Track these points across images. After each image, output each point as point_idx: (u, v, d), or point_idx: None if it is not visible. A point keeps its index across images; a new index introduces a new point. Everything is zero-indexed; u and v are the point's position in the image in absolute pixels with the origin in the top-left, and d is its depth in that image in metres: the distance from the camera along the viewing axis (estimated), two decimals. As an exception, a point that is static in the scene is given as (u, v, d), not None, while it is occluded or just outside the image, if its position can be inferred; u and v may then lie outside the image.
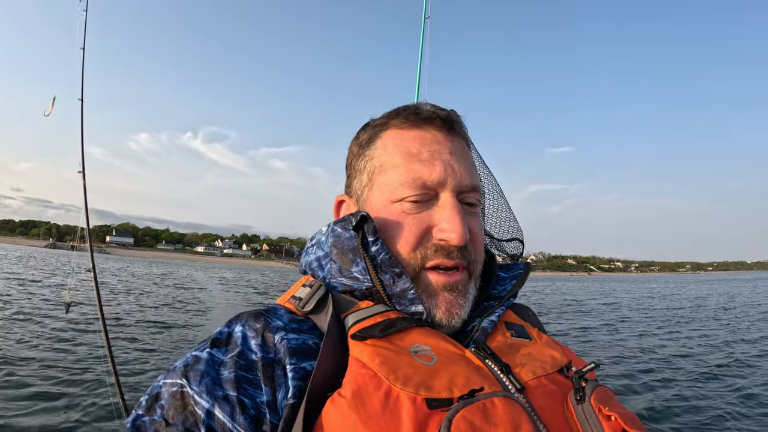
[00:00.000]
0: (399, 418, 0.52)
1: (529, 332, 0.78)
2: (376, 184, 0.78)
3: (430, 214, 0.73)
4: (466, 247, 0.73)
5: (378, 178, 0.78)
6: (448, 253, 0.72)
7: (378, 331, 0.63)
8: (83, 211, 4.68)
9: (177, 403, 0.58)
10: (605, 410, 0.59)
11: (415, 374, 0.58)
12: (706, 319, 17.73)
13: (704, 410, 6.48)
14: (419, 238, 0.72)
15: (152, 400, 0.60)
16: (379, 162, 0.79)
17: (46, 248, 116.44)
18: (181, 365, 0.63)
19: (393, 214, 0.74)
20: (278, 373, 0.61)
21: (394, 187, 0.75)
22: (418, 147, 0.76)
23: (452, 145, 0.77)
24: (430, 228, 0.73)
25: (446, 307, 0.71)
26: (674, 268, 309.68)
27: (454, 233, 0.70)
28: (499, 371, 0.64)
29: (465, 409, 0.53)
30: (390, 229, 0.74)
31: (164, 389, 0.61)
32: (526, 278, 0.86)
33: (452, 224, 0.71)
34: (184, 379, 0.60)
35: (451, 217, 0.72)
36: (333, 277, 0.75)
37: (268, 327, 0.65)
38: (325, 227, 0.80)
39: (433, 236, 0.72)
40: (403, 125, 0.79)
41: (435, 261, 0.72)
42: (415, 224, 0.73)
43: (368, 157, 0.81)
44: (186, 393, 0.59)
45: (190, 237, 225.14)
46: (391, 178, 0.76)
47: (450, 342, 0.67)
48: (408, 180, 0.74)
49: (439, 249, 0.72)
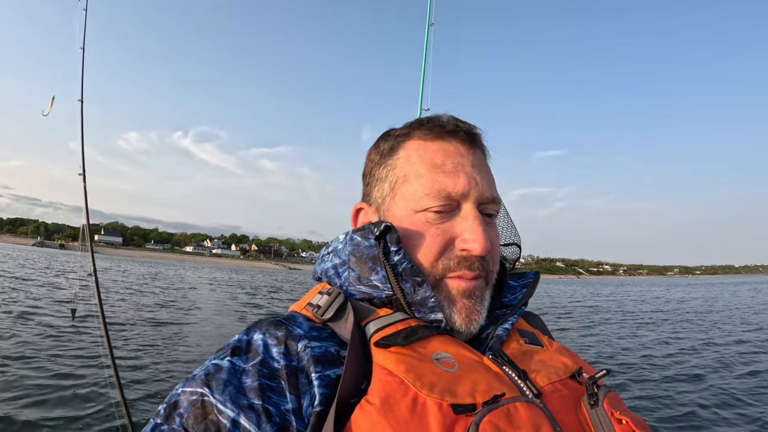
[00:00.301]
0: (427, 423, 0.53)
1: (540, 339, 0.81)
2: (399, 194, 0.80)
3: (452, 225, 0.75)
4: (486, 258, 0.75)
5: (401, 188, 0.80)
6: (470, 264, 0.74)
7: (401, 339, 0.65)
8: (84, 213, 4.74)
9: (197, 412, 0.58)
10: (617, 414, 0.62)
11: (440, 381, 0.59)
12: (678, 322, 18.19)
13: (686, 412, 6.61)
14: (442, 248, 0.74)
15: (171, 409, 0.59)
16: (402, 172, 0.80)
17: (34, 247, 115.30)
18: (201, 374, 0.62)
19: (416, 224, 0.76)
20: (302, 381, 0.61)
21: (419, 197, 0.76)
22: (442, 159, 0.78)
23: (474, 158, 0.80)
24: (453, 239, 0.74)
25: (466, 313, 0.73)
26: (662, 272, 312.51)
27: (477, 243, 0.72)
28: (516, 377, 0.66)
29: (490, 414, 0.55)
30: (413, 239, 0.75)
31: (183, 398, 0.60)
32: (536, 286, 0.89)
33: (475, 235, 0.73)
34: (205, 387, 0.60)
35: (473, 227, 0.73)
36: (351, 284, 0.76)
37: (291, 335, 0.65)
38: (343, 235, 0.81)
39: (456, 247, 0.74)
40: (426, 136, 0.81)
41: (458, 272, 0.74)
42: (439, 234, 0.74)
43: (390, 166, 0.83)
44: (207, 402, 0.58)
45: (179, 237, 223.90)
46: (416, 189, 0.77)
47: (469, 349, 0.69)
48: (433, 191, 0.75)
49: (461, 260, 0.74)
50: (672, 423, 6.26)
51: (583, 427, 0.62)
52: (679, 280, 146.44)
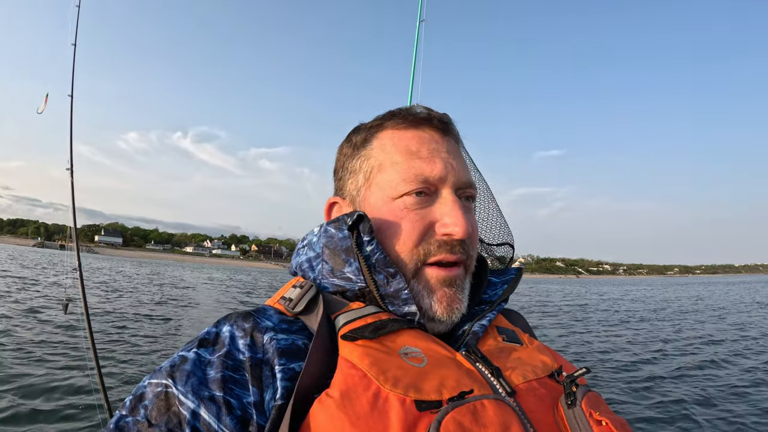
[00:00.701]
0: (387, 419, 0.52)
1: (520, 337, 0.79)
2: (374, 183, 0.79)
3: (431, 210, 0.74)
4: (466, 242, 0.75)
5: (377, 177, 0.79)
6: (452, 248, 0.73)
7: (369, 332, 0.63)
8: (71, 208, 4.72)
9: (161, 404, 0.57)
10: (596, 415, 0.60)
11: (405, 376, 0.58)
12: (667, 319, 18.45)
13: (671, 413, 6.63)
14: (422, 234, 0.73)
15: (136, 401, 0.59)
16: (377, 161, 0.79)
17: (35, 247, 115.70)
18: (167, 365, 0.62)
19: (394, 211, 0.75)
20: (266, 373, 0.60)
21: (395, 184, 0.75)
22: (417, 145, 0.77)
23: (448, 145, 0.80)
24: (432, 223, 0.74)
25: (447, 302, 0.72)
26: (662, 271, 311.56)
27: (458, 227, 0.72)
28: (489, 374, 0.64)
29: (455, 410, 0.53)
30: (391, 227, 0.74)
31: (149, 389, 0.59)
32: (518, 283, 0.87)
33: (455, 218, 0.72)
34: (169, 379, 0.59)
35: (453, 211, 0.73)
36: (324, 277, 0.75)
37: (257, 327, 0.65)
38: (317, 228, 0.80)
39: (437, 232, 0.73)
40: (399, 125, 0.80)
41: (438, 256, 0.73)
42: (419, 220, 0.73)
43: (364, 157, 0.81)
44: (171, 393, 0.58)
45: (179, 237, 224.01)
46: (392, 176, 0.76)
47: (441, 345, 0.67)
48: (410, 176, 0.74)
49: (442, 244, 0.73)
50: (655, 424, 6.27)
51: (560, 428, 0.60)
52: (678, 280, 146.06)
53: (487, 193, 0.98)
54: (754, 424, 6.18)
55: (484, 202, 0.98)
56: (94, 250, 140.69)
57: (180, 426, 0.55)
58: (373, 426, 0.51)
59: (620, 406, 6.87)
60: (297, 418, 0.54)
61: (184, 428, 0.55)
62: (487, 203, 0.98)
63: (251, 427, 0.56)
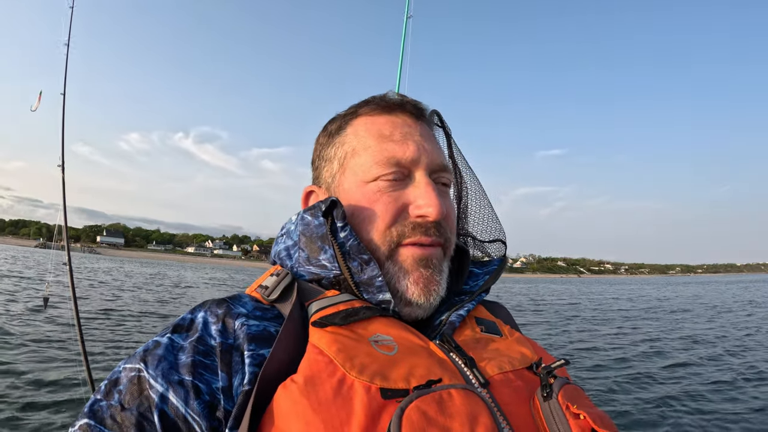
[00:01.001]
0: (351, 406, 0.50)
1: (500, 329, 0.77)
2: (348, 168, 0.78)
3: (405, 193, 0.74)
4: (441, 224, 0.74)
5: (350, 162, 0.78)
6: (426, 230, 0.72)
7: (339, 319, 0.62)
8: (62, 205, 4.76)
9: (134, 388, 0.57)
10: (573, 408, 0.58)
11: (373, 363, 0.56)
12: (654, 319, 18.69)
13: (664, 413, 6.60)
14: (395, 216, 0.72)
15: (111, 386, 0.59)
16: (350, 147, 0.79)
17: (37, 248, 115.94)
18: (141, 350, 0.62)
19: (367, 195, 0.74)
20: (236, 359, 0.59)
21: (368, 167, 0.75)
22: (390, 129, 0.77)
23: (422, 129, 0.79)
24: (406, 206, 0.73)
25: (423, 283, 0.71)
26: (664, 271, 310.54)
27: (432, 207, 0.70)
28: (463, 365, 0.62)
29: (419, 399, 0.51)
30: (365, 210, 0.73)
31: (123, 374, 0.59)
32: (500, 273, 0.86)
33: (429, 200, 0.71)
34: (142, 363, 0.59)
35: (427, 193, 0.72)
36: (301, 265, 0.75)
37: (230, 313, 0.64)
38: (295, 216, 0.80)
39: (410, 214, 0.72)
40: (373, 112, 0.80)
41: (412, 238, 0.71)
42: (392, 202, 0.72)
43: (339, 143, 0.81)
44: (143, 377, 0.58)
45: (180, 237, 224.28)
46: (365, 160, 0.76)
47: (414, 333, 0.66)
48: (382, 159, 0.74)
49: (416, 226, 0.72)
50: (633, 418, 6.33)
51: (535, 421, 0.58)
52: (679, 279, 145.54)
53: (479, 190, 0.97)
54: (732, 416, 6.39)
55: (476, 199, 0.97)
56: (96, 251, 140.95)
57: (150, 409, 0.55)
58: (335, 413, 0.50)
59: (604, 400, 6.96)
60: (263, 404, 0.53)
61: (153, 412, 0.55)
62: (479, 200, 0.97)
63: (218, 412, 0.56)
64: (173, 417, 0.55)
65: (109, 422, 0.55)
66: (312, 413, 0.49)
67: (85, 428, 0.55)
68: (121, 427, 0.55)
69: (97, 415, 0.56)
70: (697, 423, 6.27)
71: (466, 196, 0.95)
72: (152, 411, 0.55)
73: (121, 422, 0.55)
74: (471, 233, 0.96)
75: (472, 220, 0.96)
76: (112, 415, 0.55)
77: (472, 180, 0.96)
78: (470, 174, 0.96)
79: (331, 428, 0.49)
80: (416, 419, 0.49)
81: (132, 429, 0.54)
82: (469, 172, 0.96)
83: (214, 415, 0.55)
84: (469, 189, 0.95)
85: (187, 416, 0.55)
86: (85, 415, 0.56)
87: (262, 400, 0.53)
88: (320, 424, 0.49)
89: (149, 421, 0.55)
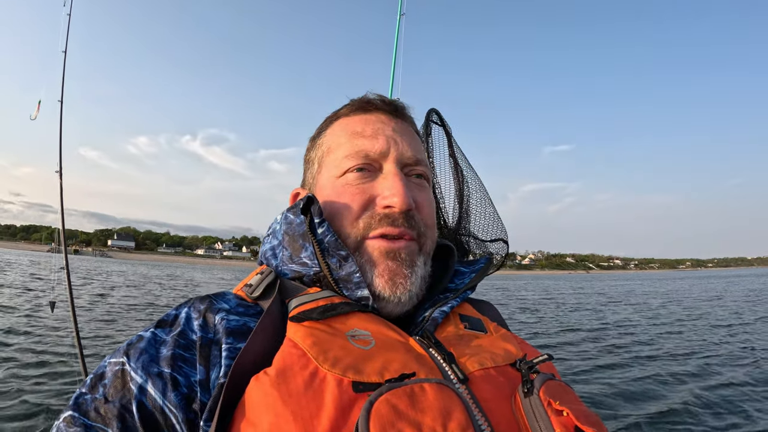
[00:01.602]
0: (321, 398, 0.50)
1: (485, 326, 0.76)
2: (323, 166, 0.80)
3: (373, 185, 0.74)
4: (413, 217, 0.73)
5: (325, 160, 0.80)
6: (393, 221, 0.71)
7: (317, 314, 0.62)
8: (59, 209, 4.81)
9: (117, 381, 0.58)
10: (556, 405, 0.55)
11: (347, 357, 0.56)
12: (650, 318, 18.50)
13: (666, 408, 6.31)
14: (362, 208, 0.73)
15: (96, 380, 0.59)
16: (327, 146, 0.81)
17: (49, 253, 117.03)
18: (125, 345, 0.62)
19: (338, 189, 0.75)
20: (214, 353, 0.60)
21: (339, 162, 0.76)
22: (362, 126, 0.79)
23: (396, 125, 0.80)
24: (374, 198, 0.73)
25: (389, 275, 0.70)
26: (674, 265, 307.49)
27: (397, 197, 0.70)
28: (441, 360, 0.60)
29: (390, 392, 0.49)
30: (335, 204, 0.74)
31: (108, 368, 0.60)
32: (487, 271, 0.85)
33: (394, 190, 0.71)
34: (125, 356, 0.60)
35: (393, 183, 0.72)
36: (285, 264, 0.75)
37: (211, 308, 0.65)
38: (280, 216, 0.79)
39: (377, 205, 0.73)
40: (350, 112, 0.82)
41: (379, 230, 0.71)
42: (359, 194, 0.73)
43: (318, 146, 0.84)
44: (126, 371, 0.59)
45: (190, 240, 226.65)
46: (336, 155, 0.78)
47: (393, 329, 0.65)
48: (351, 152, 0.75)
49: (383, 218, 0.72)
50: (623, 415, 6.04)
51: (516, 418, 0.56)
52: (688, 273, 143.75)
53: (481, 189, 0.96)
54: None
55: (478, 198, 0.96)
56: (108, 254, 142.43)
57: (130, 401, 0.56)
58: (305, 405, 0.49)
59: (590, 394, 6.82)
60: (237, 397, 0.53)
61: (132, 403, 0.56)
62: (480, 200, 0.96)
63: (195, 404, 0.56)
64: (151, 408, 0.56)
65: (93, 414, 0.56)
66: (282, 405, 0.49)
67: (69, 420, 0.56)
68: (104, 420, 0.55)
69: (82, 407, 0.57)
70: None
71: (467, 195, 0.96)
72: (132, 402, 0.56)
73: (104, 414, 0.56)
74: (473, 233, 0.97)
75: (474, 221, 0.97)
76: (96, 407, 0.56)
77: (474, 179, 0.98)
78: (471, 173, 0.97)
79: (300, 420, 0.48)
80: (385, 412, 0.47)
81: (114, 421, 0.55)
82: (471, 172, 0.97)
83: (191, 407, 0.56)
84: (470, 188, 0.97)
85: (165, 408, 0.55)
86: (70, 407, 0.57)
87: (235, 392, 0.53)
88: (290, 416, 0.48)
89: (130, 413, 0.55)
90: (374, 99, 0.83)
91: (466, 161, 0.96)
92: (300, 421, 0.48)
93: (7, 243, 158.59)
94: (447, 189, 1.01)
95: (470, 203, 0.96)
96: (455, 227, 0.99)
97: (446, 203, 1.01)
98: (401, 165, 0.76)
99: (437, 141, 1.01)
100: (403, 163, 0.76)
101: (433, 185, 0.97)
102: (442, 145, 0.97)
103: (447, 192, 1.01)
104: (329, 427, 0.48)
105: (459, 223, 0.97)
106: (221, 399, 0.52)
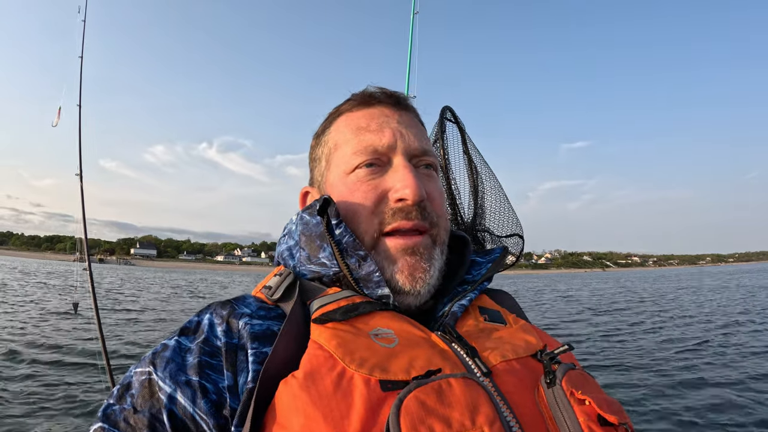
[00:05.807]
0: (351, 399, 0.50)
1: (505, 317, 0.76)
2: (332, 163, 0.80)
3: (384, 179, 0.74)
4: (426, 208, 0.73)
5: (333, 157, 0.80)
6: (407, 214, 0.71)
7: (339, 315, 0.63)
8: (81, 215, 4.80)
9: (145, 391, 0.58)
10: (578, 394, 0.56)
11: (372, 356, 0.56)
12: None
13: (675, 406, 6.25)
14: (376, 204, 0.73)
15: (123, 390, 0.60)
16: (333, 143, 0.81)
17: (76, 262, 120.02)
18: (150, 354, 0.63)
19: (349, 185, 0.75)
20: (240, 358, 0.60)
21: (348, 158, 0.76)
22: (367, 121, 0.78)
23: (400, 117, 0.80)
24: (386, 192, 0.73)
25: (409, 270, 0.71)
26: (694, 261, 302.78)
27: (409, 189, 0.70)
28: (465, 355, 0.61)
29: (418, 389, 0.50)
30: (348, 201, 0.74)
31: (135, 378, 0.61)
32: (503, 261, 0.85)
33: (405, 181, 0.71)
34: (151, 366, 0.61)
35: (404, 176, 0.72)
36: (302, 264, 0.75)
37: (234, 313, 0.65)
38: (295, 216, 0.80)
39: (390, 199, 0.73)
40: (352, 108, 0.82)
41: (394, 224, 0.71)
42: (371, 190, 0.73)
43: (323, 143, 0.84)
44: (153, 380, 0.59)
45: (210, 247, 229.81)
46: (344, 152, 0.77)
47: (415, 325, 0.66)
48: (359, 148, 0.75)
49: (396, 211, 0.72)
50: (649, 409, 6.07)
51: (540, 409, 0.57)
52: (708, 269, 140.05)
53: (496, 185, 0.98)
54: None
55: (494, 195, 0.97)
56: (131, 263, 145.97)
57: (160, 411, 0.57)
58: (335, 406, 0.50)
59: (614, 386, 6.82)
60: (266, 401, 0.54)
61: (163, 412, 0.57)
62: (495, 195, 0.97)
63: (225, 410, 0.57)
64: (182, 417, 0.57)
65: (123, 425, 0.57)
66: (312, 407, 0.50)
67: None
68: (135, 429, 0.56)
69: (111, 418, 0.57)
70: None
71: (482, 191, 0.99)
72: (162, 412, 0.57)
73: (135, 425, 0.56)
74: (489, 228, 0.99)
75: (489, 216, 0.99)
76: (126, 418, 0.57)
77: (489, 175, 1.00)
78: (486, 169, 1.00)
79: (331, 421, 0.49)
80: (415, 409, 0.48)
81: (145, 430, 0.56)
82: (485, 168, 1.00)
83: (221, 414, 0.57)
84: (485, 184, 0.99)
85: (195, 415, 0.56)
86: (99, 419, 0.58)
87: (265, 396, 0.54)
88: (320, 417, 0.49)
89: (160, 422, 0.56)
90: (376, 92, 0.83)
91: (480, 158, 0.99)
92: (331, 422, 0.49)
93: (35, 253, 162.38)
94: (462, 185, 1.03)
95: (485, 199, 0.99)
96: (471, 223, 1.01)
97: (462, 199, 1.03)
98: (409, 156, 0.76)
99: (451, 138, 1.04)
100: (411, 154, 0.77)
101: (449, 180, 1.02)
102: (456, 142, 1.01)
103: (462, 188, 1.03)
104: (360, 426, 0.48)
105: (474, 219, 1.00)
106: (253, 403, 0.53)
